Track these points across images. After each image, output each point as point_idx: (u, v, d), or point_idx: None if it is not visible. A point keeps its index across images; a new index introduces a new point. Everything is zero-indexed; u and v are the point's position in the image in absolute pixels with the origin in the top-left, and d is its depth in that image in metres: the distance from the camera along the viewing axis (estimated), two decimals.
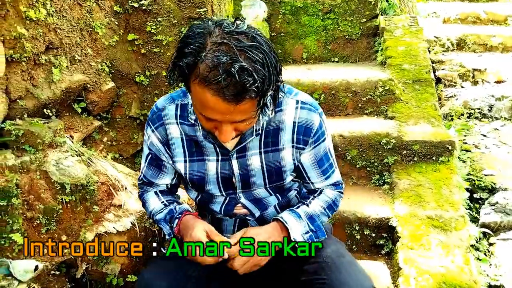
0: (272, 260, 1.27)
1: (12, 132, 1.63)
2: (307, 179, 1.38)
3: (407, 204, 2.20)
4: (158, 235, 1.85)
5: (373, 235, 2.20)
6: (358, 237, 2.22)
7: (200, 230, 1.22)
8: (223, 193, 1.35)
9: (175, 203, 1.42)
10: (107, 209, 1.79)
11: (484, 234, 2.45)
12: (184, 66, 1.00)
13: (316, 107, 1.29)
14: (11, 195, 1.53)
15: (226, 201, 1.38)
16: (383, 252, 2.18)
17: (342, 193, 1.45)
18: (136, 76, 2.33)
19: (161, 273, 1.26)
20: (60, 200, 1.65)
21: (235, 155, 1.29)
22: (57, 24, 1.89)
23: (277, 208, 1.42)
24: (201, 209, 1.48)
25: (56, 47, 1.91)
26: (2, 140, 1.63)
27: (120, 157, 2.37)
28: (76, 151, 1.82)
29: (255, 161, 1.30)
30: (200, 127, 1.25)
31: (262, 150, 1.29)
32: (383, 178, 2.51)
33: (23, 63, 1.73)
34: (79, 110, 2.12)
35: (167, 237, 1.36)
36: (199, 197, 1.42)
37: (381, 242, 2.20)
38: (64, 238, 1.65)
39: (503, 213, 2.53)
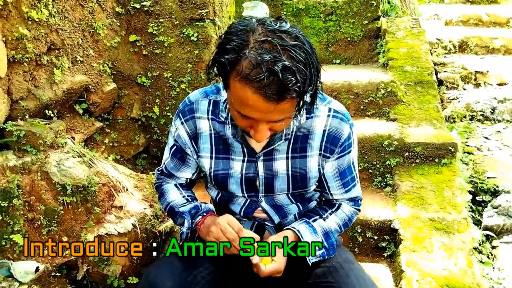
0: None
1: (13, 133, 1.63)
2: (327, 189, 1.36)
3: (409, 206, 2.19)
4: (159, 236, 1.84)
5: (375, 237, 2.19)
6: (360, 239, 2.21)
7: (230, 217, 1.21)
8: (245, 195, 1.33)
9: (198, 200, 1.41)
10: (108, 211, 1.78)
11: (487, 237, 2.44)
12: (226, 62, 0.99)
13: (348, 117, 1.27)
14: (12, 196, 1.52)
15: (247, 203, 1.36)
16: (385, 254, 2.17)
17: (359, 210, 1.43)
18: (137, 77, 2.32)
19: (168, 272, 1.24)
20: (61, 201, 1.64)
21: (261, 157, 1.27)
22: (59, 25, 1.89)
23: (297, 217, 1.40)
24: (220, 209, 1.44)
25: (58, 48, 1.91)
26: (4, 140, 1.63)
27: (121, 159, 2.37)
28: (78, 152, 1.81)
29: (281, 165, 1.28)
30: (230, 125, 1.24)
31: (290, 155, 1.27)
32: (385, 180, 2.50)
33: (25, 63, 1.73)
34: (81, 111, 2.12)
35: (184, 230, 1.31)
36: (219, 195, 1.40)
37: (383, 244, 2.18)
38: (65, 239, 1.64)
39: (506, 216, 2.51)
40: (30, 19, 1.71)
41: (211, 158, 1.31)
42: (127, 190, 1.88)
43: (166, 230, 1.86)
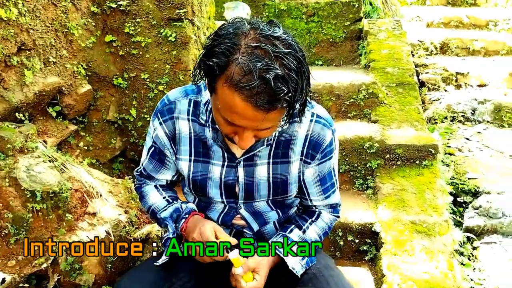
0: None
1: None
2: (306, 195, 1.33)
3: (390, 209, 2.18)
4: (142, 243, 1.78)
5: (357, 241, 2.17)
6: (342, 243, 2.19)
7: (209, 228, 1.16)
8: (224, 201, 1.29)
9: (178, 200, 1.36)
10: (81, 217, 1.71)
11: (468, 238, 2.44)
12: (215, 65, 0.93)
13: (330, 123, 1.24)
14: None
15: (225, 210, 1.32)
16: (366, 258, 2.15)
17: (338, 216, 1.41)
18: (114, 79, 2.26)
19: (140, 284, 1.20)
20: (31, 208, 1.57)
21: (242, 163, 1.23)
22: (30, 25, 1.82)
23: (276, 224, 1.37)
24: None
25: (29, 48, 1.84)
26: None
27: (97, 163, 2.30)
28: (49, 157, 1.74)
29: (262, 171, 1.24)
30: (211, 129, 1.19)
31: (271, 160, 1.23)
32: (366, 182, 2.49)
33: None
34: (54, 114, 2.05)
35: (170, 235, 1.28)
36: (197, 201, 1.36)
37: (364, 248, 2.16)
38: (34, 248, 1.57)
39: (487, 217, 2.53)
40: None
41: (189, 161, 1.26)
42: (101, 195, 1.81)
43: (142, 237, 1.80)
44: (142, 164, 1.37)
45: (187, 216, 1.27)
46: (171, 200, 1.35)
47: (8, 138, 1.62)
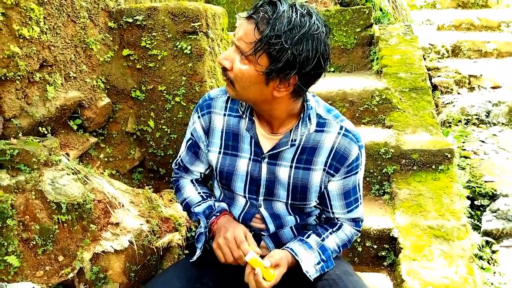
0: (280, 280, 1.25)
1: (6, 152, 1.60)
2: (329, 207, 1.36)
3: (408, 214, 2.18)
4: (156, 252, 1.82)
5: (375, 246, 2.18)
6: (360, 249, 2.19)
7: (241, 230, 1.26)
8: (246, 195, 1.35)
9: (212, 198, 1.46)
10: (104, 228, 1.76)
11: (487, 241, 2.43)
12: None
13: (358, 139, 1.28)
14: (6, 216, 1.50)
15: (247, 207, 1.37)
16: (385, 263, 2.15)
17: (360, 231, 1.44)
18: (131, 91, 2.31)
19: None
20: (56, 220, 1.62)
21: (266, 159, 1.30)
22: (51, 42, 1.88)
23: (294, 230, 1.40)
24: None
25: (50, 65, 1.90)
26: None
27: (117, 173, 2.34)
28: (72, 169, 1.79)
29: (283, 172, 1.29)
30: (247, 119, 1.29)
31: (294, 164, 1.28)
32: (383, 188, 2.49)
33: (17, 81, 1.72)
34: (75, 127, 2.10)
35: (202, 230, 1.36)
36: (222, 196, 1.44)
37: (383, 253, 2.17)
38: (61, 258, 1.62)
39: (505, 220, 2.51)
40: (21, 36, 1.70)
41: (219, 153, 1.36)
42: (123, 206, 1.86)
43: (164, 246, 1.84)
44: (180, 156, 1.50)
45: (218, 214, 1.36)
46: (205, 197, 1.45)
47: (33, 152, 1.67)
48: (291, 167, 1.28)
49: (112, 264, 1.69)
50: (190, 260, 1.37)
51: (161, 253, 1.83)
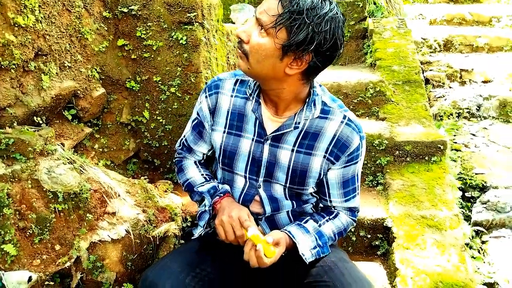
0: (278, 263, 1.27)
1: (2, 141, 1.60)
2: (327, 195, 1.39)
3: (401, 204, 2.21)
4: (153, 241, 1.83)
5: (369, 236, 2.21)
6: (354, 238, 2.22)
7: (245, 211, 1.30)
8: (247, 175, 1.37)
9: (216, 180, 1.48)
10: (101, 217, 1.76)
11: (477, 232, 2.47)
12: None
13: (360, 129, 1.31)
14: (3, 205, 1.49)
15: (246, 187, 1.39)
16: (379, 253, 2.18)
17: (355, 221, 1.46)
18: (126, 82, 2.30)
19: (166, 274, 1.25)
20: (53, 209, 1.62)
21: (269, 141, 1.32)
22: (46, 31, 1.87)
23: (290, 215, 1.42)
24: None
25: (45, 54, 1.88)
26: None
27: (112, 164, 2.34)
28: (68, 159, 1.78)
29: (284, 155, 1.32)
30: (254, 101, 1.32)
31: (296, 148, 1.31)
32: (376, 179, 2.52)
33: (12, 70, 1.70)
34: (70, 117, 2.09)
35: (206, 208, 1.39)
36: (222, 177, 1.45)
37: (376, 243, 2.20)
38: (57, 247, 1.62)
39: (495, 211, 2.56)
40: (16, 25, 1.69)
41: (224, 132, 1.38)
42: (119, 195, 1.86)
43: (160, 235, 1.85)
44: (184, 136, 1.52)
45: (222, 195, 1.38)
46: (208, 178, 1.48)
47: (28, 141, 1.67)
48: (292, 150, 1.31)
49: (109, 253, 1.69)
50: (192, 238, 1.42)
51: (157, 243, 1.84)
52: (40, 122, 1.87)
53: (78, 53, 2.09)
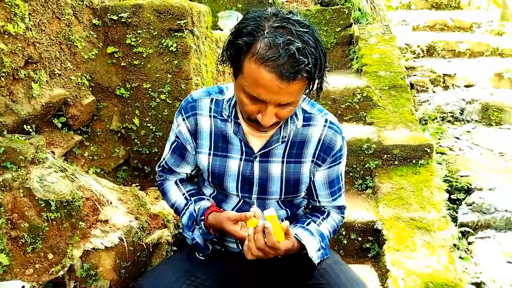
0: (274, 267, 1.28)
1: None
2: (315, 196, 1.41)
3: (390, 207, 2.25)
4: (146, 248, 1.82)
5: (360, 239, 2.24)
6: (345, 241, 2.25)
7: (229, 225, 1.24)
8: (239, 194, 1.36)
9: (194, 196, 1.43)
10: (94, 225, 1.75)
11: (463, 233, 2.53)
12: (242, 43, 1.04)
13: (341, 130, 1.34)
14: None
15: (239, 204, 1.39)
16: (369, 255, 2.22)
17: (343, 217, 1.49)
18: (116, 89, 2.30)
19: (160, 283, 1.25)
20: (46, 218, 1.60)
21: (258, 158, 1.31)
22: (36, 38, 1.86)
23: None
24: None
25: (35, 62, 1.87)
26: None
27: (102, 172, 2.33)
28: (59, 167, 1.77)
29: (275, 168, 1.32)
30: (233, 123, 1.28)
31: (285, 159, 1.31)
32: (365, 182, 2.56)
33: (2, 78, 1.69)
34: (59, 125, 2.08)
35: (189, 242, 1.39)
36: (214, 194, 1.43)
37: (367, 245, 2.23)
38: (50, 256, 1.60)
39: (480, 212, 2.62)
40: (6, 33, 1.68)
41: (209, 154, 1.35)
42: (111, 203, 1.85)
43: (153, 242, 1.84)
44: (164, 159, 1.47)
45: (203, 218, 1.33)
46: (189, 197, 1.44)
47: (19, 149, 1.65)
48: (282, 162, 1.31)
49: (103, 261, 1.68)
50: (201, 257, 1.39)
51: (150, 250, 1.84)
52: (30, 130, 1.86)
53: (68, 61, 2.08)
